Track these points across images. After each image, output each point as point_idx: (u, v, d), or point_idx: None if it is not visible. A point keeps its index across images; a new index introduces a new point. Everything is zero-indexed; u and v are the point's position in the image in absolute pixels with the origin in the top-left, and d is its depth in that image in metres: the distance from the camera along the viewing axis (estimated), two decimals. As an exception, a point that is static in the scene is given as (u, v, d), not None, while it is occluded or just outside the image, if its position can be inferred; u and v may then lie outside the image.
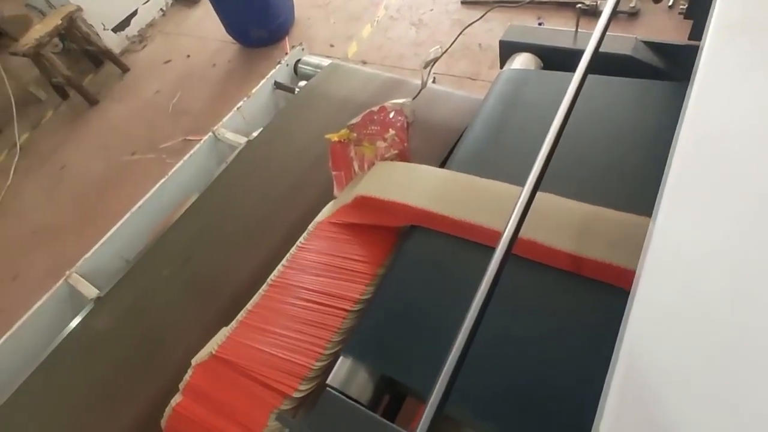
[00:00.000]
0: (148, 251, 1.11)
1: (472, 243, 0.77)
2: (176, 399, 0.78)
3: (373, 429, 0.63)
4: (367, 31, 2.58)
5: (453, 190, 0.83)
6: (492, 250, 0.52)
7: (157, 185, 1.26)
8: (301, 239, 0.95)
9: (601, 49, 0.71)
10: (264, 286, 0.87)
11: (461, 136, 0.99)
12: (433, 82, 1.35)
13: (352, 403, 0.67)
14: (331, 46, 2.58)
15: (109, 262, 1.19)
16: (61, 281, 1.12)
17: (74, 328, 1.02)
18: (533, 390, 0.62)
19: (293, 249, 0.93)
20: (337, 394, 0.69)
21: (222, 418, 0.74)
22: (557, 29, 1.05)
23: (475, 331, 0.49)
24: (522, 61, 1.06)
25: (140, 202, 1.23)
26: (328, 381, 0.72)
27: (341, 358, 0.74)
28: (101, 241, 1.19)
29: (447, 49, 0.98)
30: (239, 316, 0.84)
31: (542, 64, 1.06)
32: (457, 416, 0.61)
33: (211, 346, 0.81)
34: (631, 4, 2.14)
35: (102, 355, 0.94)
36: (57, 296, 1.11)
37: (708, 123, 0.48)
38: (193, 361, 0.81)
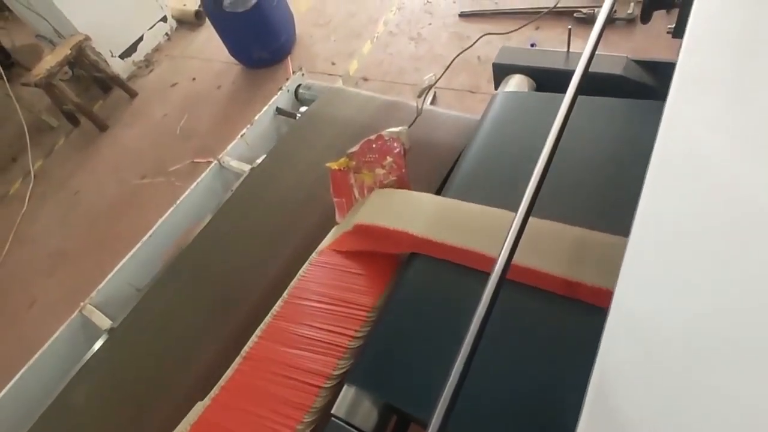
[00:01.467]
0: (158, 280, 1.15)
1: (471, 269, 0.79)
2: None
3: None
4: (368, 48, 2.62)
5: (450, 217, 0.85)
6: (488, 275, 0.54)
7: (166, 214, 1.29)
8: (302, 270, 0.97)
9: (592, 69, 0.73)
10: (250, 343, 0.88)
11: (458, 158, 1.01)
12: (432, 100, 1.37)
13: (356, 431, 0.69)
14: (333, 63, 2.62)
15: (120, 291, 1.22)
16: (75, 313, 1.16)
17: (89, 359, 1.05)
18: (529, 411, 0.63)
19: (294, 281, 0.96)
20: (341, 423, 0.71)
21: None
22: (548, 50, 1.07)
23: (473, 356, 0.50)
24: (515, 83, 1.08)
25: (150, 232, 1.27)
26: (333, 411, 0.74)
27: (345, 386, 0.76)
28: (113, 272, 1.23)
29: (440, 77, 1.00)
30: (217, 387, 0.84)
31: (535, 86, 1.08)
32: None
33: (186, 424, 0.81)
34: (629, 11, 2.15)
35: (116, 386, 0.97)
36: (72, 327, 1.15)
37: (677, 142, 0.50)
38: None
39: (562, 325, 0.69)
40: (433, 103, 1.84)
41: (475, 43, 1.10)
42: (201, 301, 1.04)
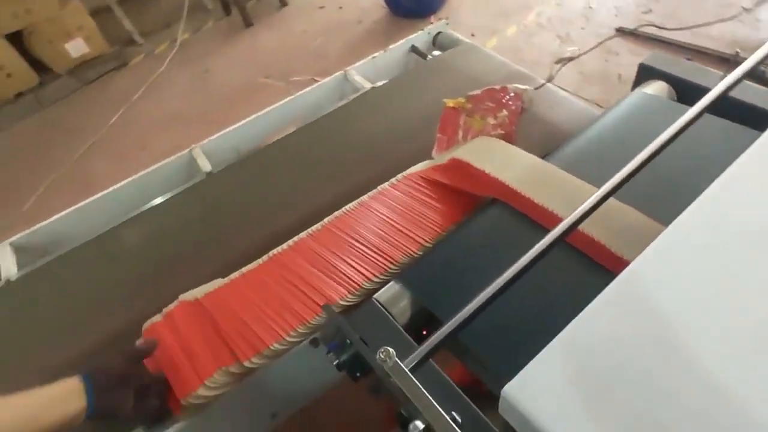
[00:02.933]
0: (251, 156, 1.26)
1: (545, 229, 0.81)
2: (156, 317, 0.87)
3: (399, 340, 0.71)
4: (512, 31, 2.59)
5: (541, 178, 0.87)
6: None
7: (282, 101, 1.41)
8: (385, 185, 1.03)
9: (738, 97, 0.71)
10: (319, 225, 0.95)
11: (567, 140, 1.02)
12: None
13: (390, 317, 0.76)
14: (472, 35, 2.62)
15: (224, 150, 1.36)
16: (186, 150, 1.31)
17: (178, 193, 1.19)
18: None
19: (372, 192, 1.01)
20: (379, 306, 0.78)
21: (182, 353, 0.80)
22: (701, 67, 1.03)
23: (506, 288, 0.55)
24: (655, 87, 1.05)
25: (264, 110, 1.39)
26: (375, 296, 0.81)
27: (392, 282, 0.83)
28: (223, 132, 1.37)
29: (583, 54, 1.00)
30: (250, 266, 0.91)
31: (675, 97, 1.05)
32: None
33: (201, 290, 0.88)
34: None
35: (173, 233, 1.09)
36: (179, 160, 1.30)
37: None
38: (181, 297, 0.89)
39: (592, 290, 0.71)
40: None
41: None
42: (271, 193, 1.12)
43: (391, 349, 0.50)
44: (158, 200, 1.21)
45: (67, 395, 0.63)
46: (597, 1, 2.66)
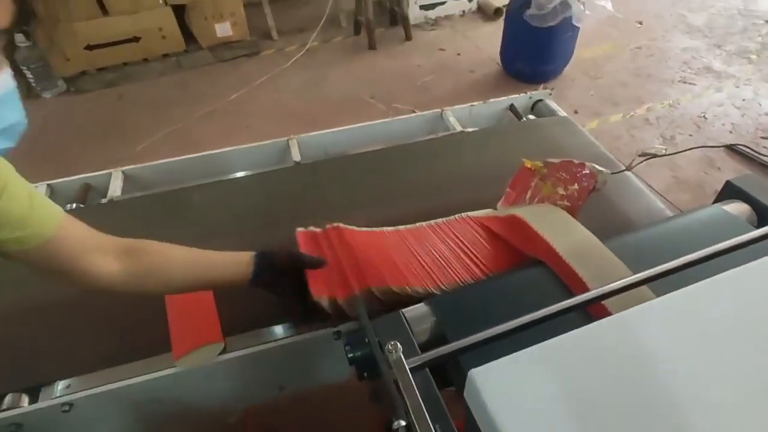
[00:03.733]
0: (344, 157, 1.39)
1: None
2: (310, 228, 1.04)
3: (410, 354, 0.77)
4: (616, 119, 2.60)
5: (589, 252, 0.91)
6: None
7: (379, 121, 1.55)
8: (447, 218, 1.11)
9: None
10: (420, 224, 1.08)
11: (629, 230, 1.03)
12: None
13: (410, 332, 0.82)
14: (575, 112, 2.66)
15: (317, 147, 1.51)
16: (283, 138, 1.47)
17: (267, 171, 1.34)
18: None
19: (441, 220, 1.10)
20: (403, 319, 0.84)
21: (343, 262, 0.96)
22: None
23: (520, 330, 0.60)
24: (736, 207, 1.04)
25: (360, 124, 1.53)
26: (403, 310, 0.88)
27: (423, 302, 0.89)
28: (320, 132, 1.52)
29: (669, 154, 1.02)
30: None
31: (756, 222, 1.04)
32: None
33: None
34: None
35: (270, 201, 1.23)
36: (275, 146, 1.47)
37: None
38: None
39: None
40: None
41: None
42: (343, 193, 1.25)
43: (399, 344, 0.56)
44: (246, 173, 1.38)
45: (239, 261, 0.82)
46: (715, 111, 2.60)
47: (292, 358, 0.96)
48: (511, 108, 1.62)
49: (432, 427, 0.51)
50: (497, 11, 3.61)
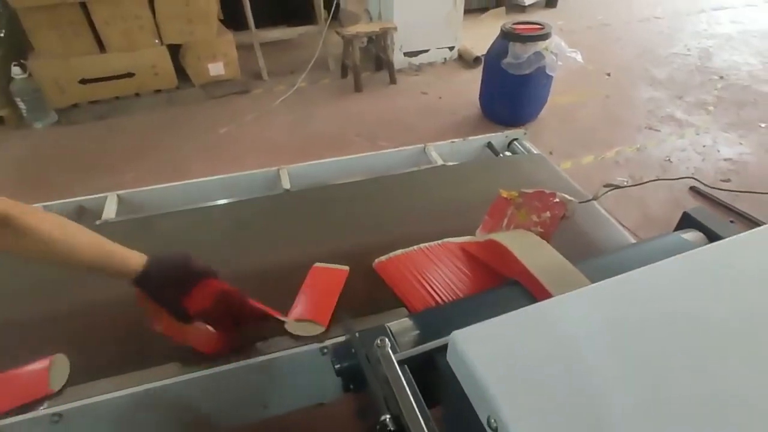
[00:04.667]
0: (331, 186, 1.47)
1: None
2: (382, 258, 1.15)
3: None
4: (588, 160, 2.75)
5: (558, 271, 0.98)
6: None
7: (365, 154, 1.64)
8: (429, 244, 1.19)
9: None
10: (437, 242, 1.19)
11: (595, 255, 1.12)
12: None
13: (392, 339, 0.86)
14: (550, 153, 2.81)
15: (305, 177, 1.58)
16: (274, 168, 1.55)
17: (258, 197, 1.41)
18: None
19: (435, 243, 1.19)
20: (388, 330, 0.89)
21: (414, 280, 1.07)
22: (736, 228, 1.11)
23: None
24: (692, 236, 1.14)
25: (346, 156, 1.62)
26: (388, 324, 0.92)
27: (407, 317, 0.94)
28: (308, 163, 1.60)
29: (631, 185, 1.12)
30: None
31: (709, 249, 1.13)
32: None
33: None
34: None
35: (261, 223, 1.29)
36: (265, 174, 1.54)
37: None
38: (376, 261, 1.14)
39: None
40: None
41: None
42: (330, 219, 1.32)
43: (387, 340, 0.62)
44: (238, 199, 1.44)
45: (131, 257, 0.82)
46: (678, 156, 2.78)
47: (276, 375, 0.98)
48: (489, 145, 1.74)
49: (418, 413, 0.56)
50: (476, 60, 3.84)
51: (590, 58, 3.62)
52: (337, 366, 0.85)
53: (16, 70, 2.87)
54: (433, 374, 0.75)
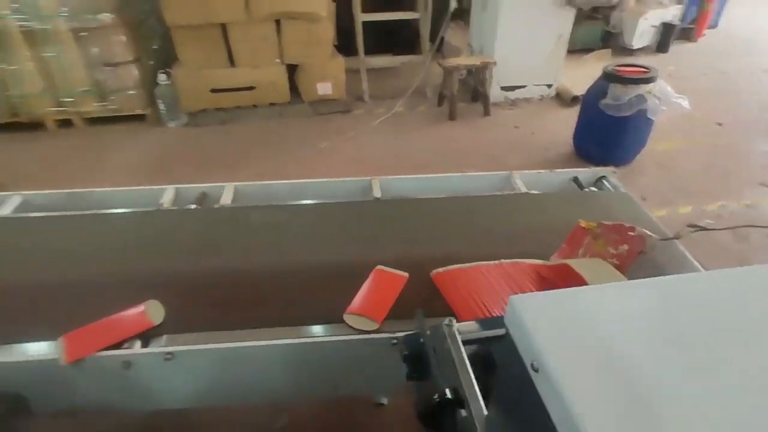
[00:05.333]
0: (415, 199, 1.59)
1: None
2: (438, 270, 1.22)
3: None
4: (685, 210, 2.61)
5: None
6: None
7: (452, 174, 1.74)
8: (491, 263, 1.25)
9: None
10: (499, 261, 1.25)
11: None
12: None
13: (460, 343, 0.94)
14: (643, 199, 2.71)
15: (395, 190, 1.71)
16: (366, 178, 1.70)
17: (351, 202, 1.56)
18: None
19: (506, 260, 1.25)
20: (454, 329, 0.97)
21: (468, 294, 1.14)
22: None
23: None
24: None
25: (432, 174, 1.73)
26: (456, 324, 1.00)
27: (474, 321, 1.02)
28: (398, 176, 1.73)
29: (718, 229, 1.11)
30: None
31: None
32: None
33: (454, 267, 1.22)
34: None
35: (350, 226, 1.44)
36: (359, 183, 1.69)
37: None
38: (433, 272, 1.22)
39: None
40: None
41: None
42: (413, 226, 1.42)
43: (455, 321, 0.71)
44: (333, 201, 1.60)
45: None
46: (796, 217, 2.55)
47: (346, 357, 1.09)
48: (575, 180, 1.76)
49: (474, 383, 0.64)
50: (574, 99, 3.81)
51: (700, 106, 3.45)
52: (405, 353, 0.94)
53: (161, 77, 3.40)
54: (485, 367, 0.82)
